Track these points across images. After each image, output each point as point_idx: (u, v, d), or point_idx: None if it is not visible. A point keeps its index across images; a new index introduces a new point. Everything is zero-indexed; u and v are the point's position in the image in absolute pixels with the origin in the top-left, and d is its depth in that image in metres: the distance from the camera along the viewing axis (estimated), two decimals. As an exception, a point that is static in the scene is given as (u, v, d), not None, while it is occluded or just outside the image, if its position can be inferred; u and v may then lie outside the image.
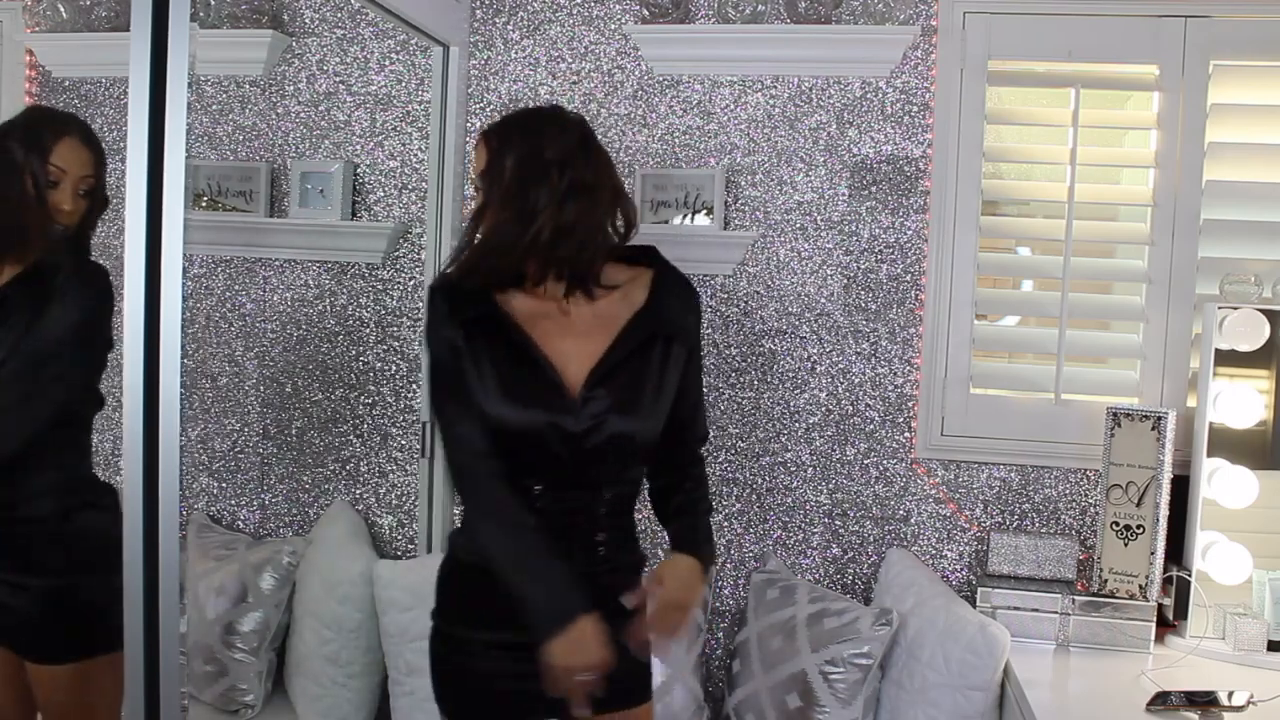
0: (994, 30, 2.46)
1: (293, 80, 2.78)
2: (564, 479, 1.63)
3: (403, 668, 2.33)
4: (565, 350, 1.62)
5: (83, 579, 1.89)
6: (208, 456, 2.85)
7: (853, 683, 2.16)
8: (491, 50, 2.68)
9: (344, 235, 2.73)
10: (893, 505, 2.55)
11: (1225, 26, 2.39)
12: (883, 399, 2.55)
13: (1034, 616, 2.28)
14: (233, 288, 2.83)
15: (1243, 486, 2.23)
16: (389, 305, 2.76)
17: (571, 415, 1.59)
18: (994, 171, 2.65)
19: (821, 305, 2.56)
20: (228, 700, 2.50)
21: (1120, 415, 2.31)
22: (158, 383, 1.55)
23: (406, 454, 2.76)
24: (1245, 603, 2.24)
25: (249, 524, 2.85)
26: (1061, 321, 2.44)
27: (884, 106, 2.52)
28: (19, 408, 1.88)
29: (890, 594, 2.36)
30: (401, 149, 2.74)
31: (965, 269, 2.49)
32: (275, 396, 2.82)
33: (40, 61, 2.86)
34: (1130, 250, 2.56)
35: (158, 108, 1.52)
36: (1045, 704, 1.94)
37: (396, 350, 2.76)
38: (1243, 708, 1.86)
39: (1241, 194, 2.40)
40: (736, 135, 2.58)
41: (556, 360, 1.61)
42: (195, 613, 2.52)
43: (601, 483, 1.66)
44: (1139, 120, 2.54)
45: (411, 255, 2.74)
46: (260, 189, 2.76)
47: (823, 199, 2.55)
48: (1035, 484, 2.50)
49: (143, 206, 1.53)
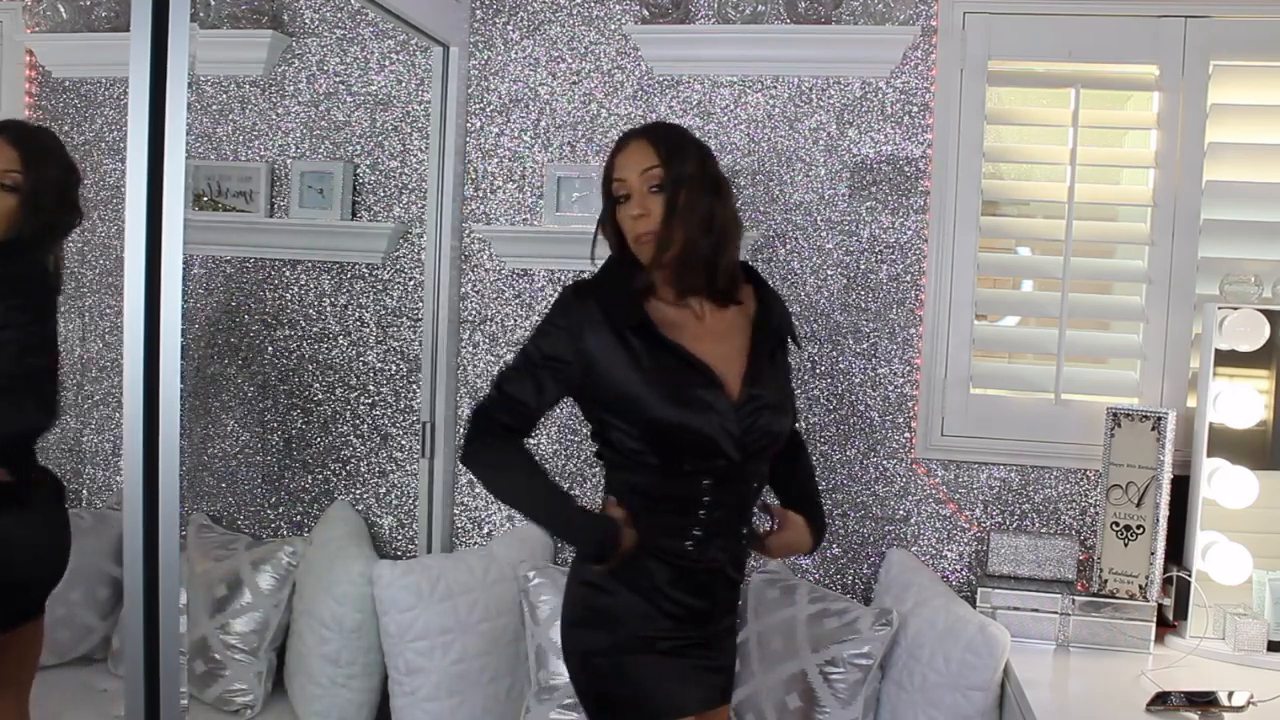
0: (994, 30, 2.46)
1: (293, 80, 2.78)
2: (729, 475, 1.73)
3: (403, 668, 2.33)
4: (714, 356, 1.73)
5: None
6: (208, 456, 2.85)
7: (853, 683, 2.16)
8: (491, 50, 2.68)
9: (344, 235, 2.73)
10: (893, 505, 2.55)
11: (1225, 26, 2.39)
12: (883, 399, 2.55)
13: (1034, 616, 2.28)
14: (233, 288, 2.83)
15: (1243, 486, 2.23)
16: (389, 305, 2.76)
17: (734, 417, 1.70)
18: (994, 171, 2.65)
19: (821, 305, 2.56)
20: (227, 700, 2.50)
21: (1120, 415, 2.31)
22: (158, 383, 1.55)
23: (406, 454, 2.76)
24: (1245, 603, 2.24)
25: (249, 524, 2.85)
26: (1061, 321, 2.44)
27: (884, 106, 2.52)
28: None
29: (890, 594, 2.36)
30: (401, 149, 2.74)
31: (965, 269, 2.49)
32: (275, 396, 2.82)
33: (40, 61, 2.86)
34: (1130, 250, 2.56)
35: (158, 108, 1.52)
36: (1045, 704, 1.94)
37: (396, 350, 2.76)
38: (1243, 708, 1.86)
39: (1241, 194, 2.40)
40: (736, 135, 2.58)
41: (715, 366, 1.71)
42: (195, 613, 2.52)
43: (754, 476, 1.79)
44: (1139, 120, 2.54)
45: (411, 255, 2.74)
46: (260, 189, 2.76)
47: (823, 199, 2.55)
48: (1035, 484, 2.50)
49: (143, 206, 1.53)
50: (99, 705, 2.46)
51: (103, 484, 2.90)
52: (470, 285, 2.71)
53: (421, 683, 2.32)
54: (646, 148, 1.72)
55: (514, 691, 2.45)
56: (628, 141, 1.75)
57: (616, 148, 1.75)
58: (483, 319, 2.72)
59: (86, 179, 2.83)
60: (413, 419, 2.74)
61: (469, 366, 2.72)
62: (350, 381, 2.79)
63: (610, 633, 1.74)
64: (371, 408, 2.78)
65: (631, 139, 1.75)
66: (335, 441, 2.80)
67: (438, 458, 2.65)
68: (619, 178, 1.73)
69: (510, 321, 2.70)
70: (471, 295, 2.72)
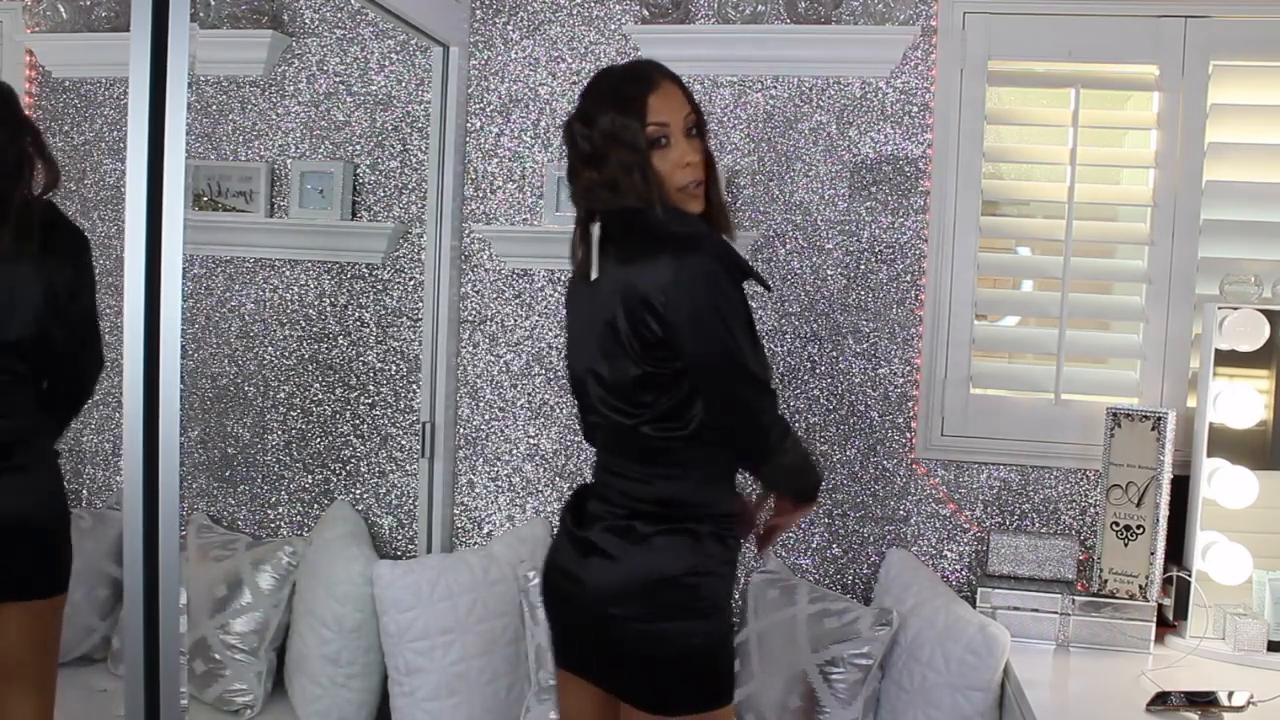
0: (994, 30, 2.46)
1: (293, 80, 2.78)
2: None
3: (402, 668, 2.33)
4: None
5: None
6: (208, 457, 2.85)
7: (853, 683, 2.16)
8: (491, 50, 2.68)
9: (344, 235, 2.73)
10: (893, 505, 2.55)
11: (1225, 26, 2.39)
12: (883, 399, 2.55)
13: (1034, 617, 2.28)
14: (233, 288, 2.83)
15: (1243, 486, 2.23)
16: (389, 305, 2.76)
17: None
18: (994, 171, 2.65)
19: (821, 305, 2.56)
20: (227, 700, 2.50)
21: (1120, 415, 2.31)
22: (158, 383, 1.55)
23: (406, 454, 2.76)
24: (1245, 603, 2.24)
25: (249, 524, 2.85)
26: (1061, 321, 2.44)
27: (884, 106, 2.52)
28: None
29: (890, 594, 2.36)
30: (401, 149, 2.74)
31: (965, 269, 2.49)
32: (275, 396, 2.82)
33: (40, 61, 2.86)
34: (1130, 250, 2.56)
35: (158, 108, 1.52)
36: (1045, 704, 1.94)
37: (396, 350, 2.76)
38: (1243, 708, 1.86)
39: (1241, 194, 2.40)
40: (736, 135, 2.58)
41: None
42: (195, 613, 2.52)
43: None
44: (1139, 120, 2.54)
45: (411, 255, 2.74)
46: (260, 189, 2.76)
47: (823, 199, 2.55)
48: (1035, 484, 2.50)
49: (143, 206, 1.53)
50: (99, 705, 2.46)
51: (103, 484, 2.90)
52: (470, 285, 2.71)
53: (421, 683, 2.32)
54: (676, 90, 1.64)
55: (514, 691, 2.45)
56: (657, 80, 1.63)
57: (644, 86, 1.61)
58: (483, 319, 2.72)
59: (86, 179, 2.85)
60: (413, 419, 2.74)
61: (469, 366, 2.72)
62: (350, 381, 2.79)
63: (723, 611, 1.70)
64: (371, 408, 2.78)
65: (659, 77, 1.64)
66: (335, 441, 2.80)
67: (438, 458, 2.65)
68: (660, 121, 1.61)
69: (510, 321, 2.70)
70: (471, 295, 2.72)
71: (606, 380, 1.66)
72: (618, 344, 1.62)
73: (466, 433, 2.73)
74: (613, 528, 1.67)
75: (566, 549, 1.74)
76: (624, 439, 1.69)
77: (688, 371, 1.61)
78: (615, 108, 1.61)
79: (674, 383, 1.62)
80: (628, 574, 1.63)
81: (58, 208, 2.05)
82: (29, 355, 1.98)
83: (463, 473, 2.73)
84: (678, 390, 1.62)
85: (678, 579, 1.62)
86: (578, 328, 1.76)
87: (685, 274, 1.56)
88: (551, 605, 1.79)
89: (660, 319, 1.57)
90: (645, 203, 1.60)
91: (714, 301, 1.56)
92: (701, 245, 1.58)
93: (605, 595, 1.64)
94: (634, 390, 1.63)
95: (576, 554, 1.70)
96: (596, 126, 1.62)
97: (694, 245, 1.58)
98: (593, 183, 1.63)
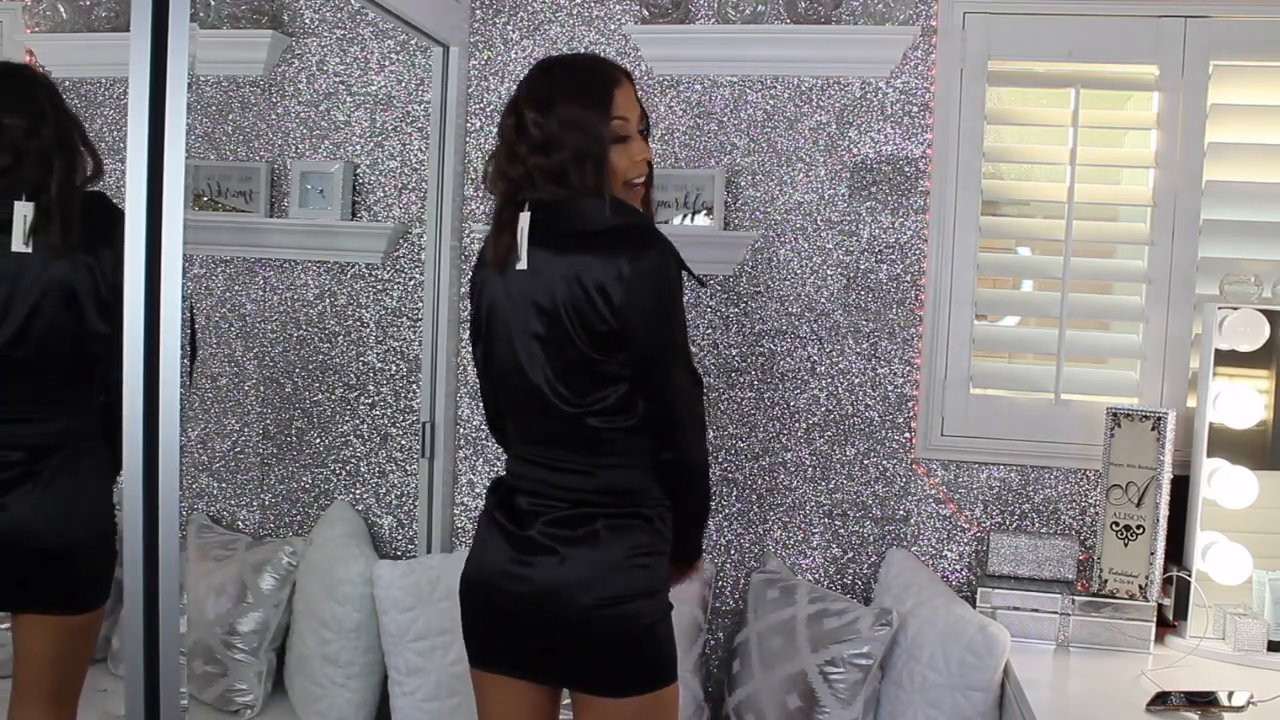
0: (994, 30, 2.46)
1: (293, 80, 2.78)
2: None
3: (402, 668, 2.33)
4: None
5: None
6: (208, 457, 2.85)
7: (853, 683, 2.16)
8: (491, 50, 2.68)
9: (344, 235, 2.73)
10: (893, 505, 2.55)
11: (1225, 26, 2.39)
12: (883, 399, 2.55)
13: (1034, 617, 2.28)
14: (233, 288, 2.83)
15: (1243, 486, 2.23)
16: (389, 305, 2.76)
17: None
18: (994, 171, 2.65)
19: (821, 305, 2.56)
20: (227, 700, 2.50)
21: (1120, 415, 2.31)
22: (158, 383, 1.55)
23: (406, 454, 2.76)
24: (1245, 603, 2.24)
25: (249, 524, 2.85)
26: (1061, 321, 2.44)
27: (884, 106, 2.52)
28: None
29: (890, 594, 2.36)
30: (401, 149, 2.74)
31: (965, 269, 2.49)
32: (275, 396, 2.82)
33: (40, 61, 2.85)
34: (1130, 250, 2.56)
35: (158, 108, 1.52)
36: (1045, 704, 1.94)
37: (396, 350, 2.76)
38: (1243, 708, 1.86)
39: (1241, 194, 2.40)
40: (736, 135, 2.58)
41: None
42: (195, 613, 2.52)
43: None
44: (1139, 120, 2.54)
45: (411, 255, 2.74)
46: (260, 189, 2.76)
47: (823, 199, 2.55)
48: (1035, 484, 2.50)
49: (143, 206, 1.53)
50: (99, 705, 2.46)
51: (103, 484, 2.90)
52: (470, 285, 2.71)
53: (421, 683, 2.32)
54: (633, 89, 1.71)
55: (514, 691, 2.45)
56: (620, 78, 1.69)
57: (611, 81, 1.66)
58: (483, 319, 2.71)
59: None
60: (413, 419, 2.74)
61: (469, 366, 2.72)
62: (350, 381, 2.79)
63: (666, 590, 1.73)
64: (371, 408, 2.78)
65: (622, 75, 1.70)
66: (335, 441, 2.80)
67: (437, 458, 2.65)
68: (624, 116, 1.66)
69: (510, 321, 2.70)
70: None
71: (549, 372, 1.65)
72: (562, 334, 1.63)
73: (466, 433, 2.73)
74: (557, 521, 1.67)
75: (504, 549, 1.70)
76: (565, 430, 1.68)
77: (634, 361, 1.64)
78: (580, 97, 1.63)
79: (620, 374, 1.65)
80: (585, 563, 1.64)
81: (105, 195, 1.98)
82: (62, 358, 1.90)
83: (463, 473, 2.73)
84: (624, 381, 1.66)
85: (633, 562, 1.65)
86: (501, 319, 1.71)
87: (646, 266, 1.61)
88: (482, 609, 1.73)
89: (614, 309, 1.59)
90: (592, 193, 1.61)
91: (670, 293, 1.65)
92: (658, 239, 1.65)
93: (561, 587, 1.64)
94: (583, 381, 1.65)
95: (518, 553, 1.68)
96: (555, 114, 1.61)
97: (651, 238, 1.64)
98: (535, 169, 1.62)
